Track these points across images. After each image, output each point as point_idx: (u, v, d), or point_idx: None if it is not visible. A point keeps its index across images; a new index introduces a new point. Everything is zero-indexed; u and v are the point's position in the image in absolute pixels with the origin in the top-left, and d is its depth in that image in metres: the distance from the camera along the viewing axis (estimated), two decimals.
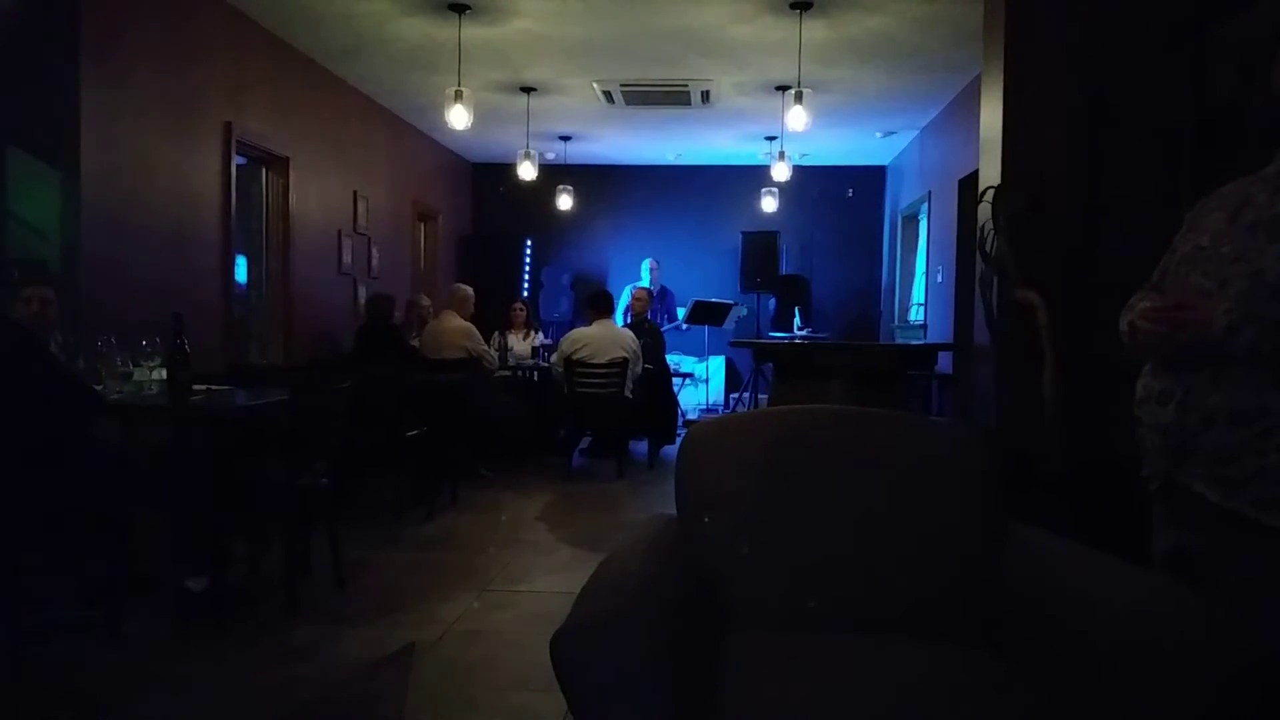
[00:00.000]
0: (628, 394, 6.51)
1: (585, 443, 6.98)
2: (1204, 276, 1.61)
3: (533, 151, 7.96)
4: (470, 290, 6.88)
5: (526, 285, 10.38)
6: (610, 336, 6.58)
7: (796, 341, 7.99)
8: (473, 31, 5.83)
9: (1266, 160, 1.67)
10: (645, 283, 9.39)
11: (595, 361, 6.43)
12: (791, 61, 6.11)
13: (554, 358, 6.64)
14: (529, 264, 10.54)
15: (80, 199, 4.24)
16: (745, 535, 2.00)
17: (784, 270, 10.29)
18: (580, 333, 6.62)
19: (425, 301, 7.38)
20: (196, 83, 5.21)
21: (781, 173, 7.82)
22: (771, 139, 8.64)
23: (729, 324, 9.33)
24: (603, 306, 6.77)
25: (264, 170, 6.25)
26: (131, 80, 4.63)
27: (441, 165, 9.93)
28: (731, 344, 7.69)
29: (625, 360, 6.46)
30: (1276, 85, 1.62)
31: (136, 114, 4.68)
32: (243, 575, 3.64)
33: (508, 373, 7.08)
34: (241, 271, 6.09)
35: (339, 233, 7.19)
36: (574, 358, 6.43)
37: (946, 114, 7.83)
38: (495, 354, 6.79)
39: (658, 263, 9.89)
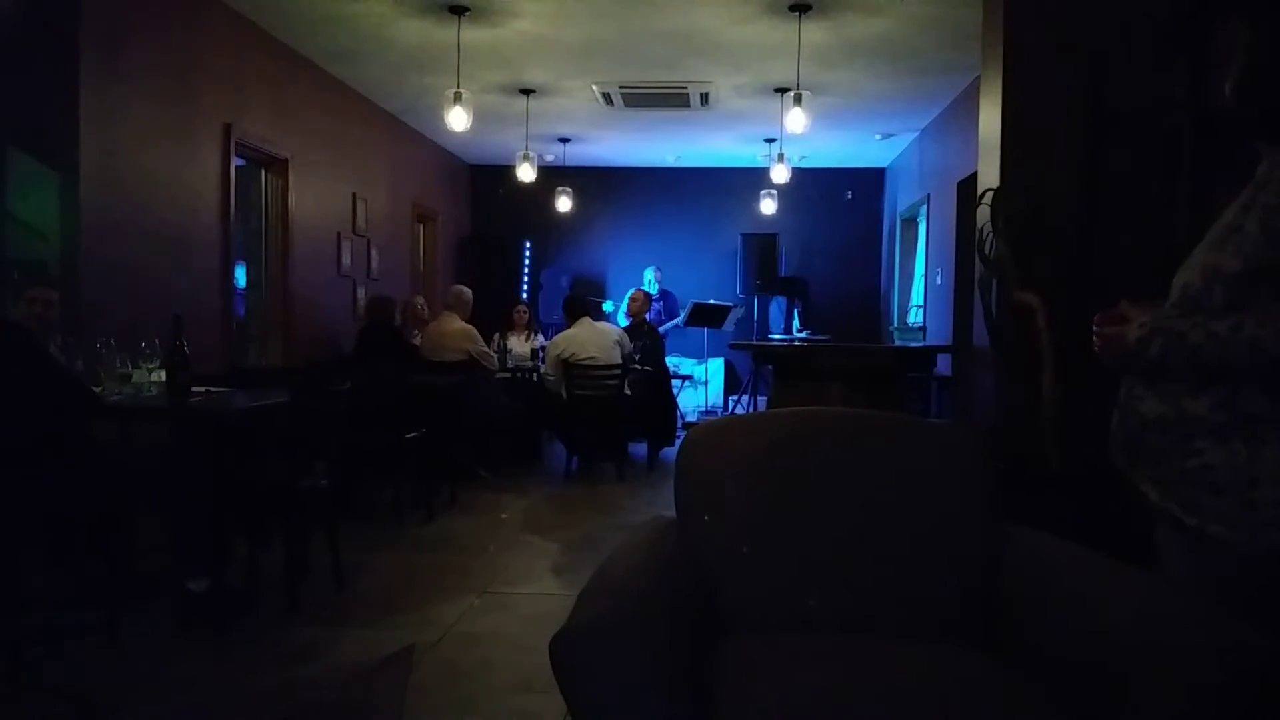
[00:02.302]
0: (626, 390, 6.52)
1: (574, 464, 6.86)
2: (1173, 287, 1.65)
3: (532, 153, 7.97)
4: (469, 292, 6.90)
5: (525, 287, 10.39)
6: (594, 330, 6.65)
7: (796, 343, 7.99)
8: (472, 33, 5.84)
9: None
10: (645, 287, 9.44)
11: (585, 356, 6.46)
12: (790, 64, 6.12)
13: (545, 367, 6.63)
14: (528, 266, 10.55)
15: (79, 200, 4.24)
16: (745, 536, 2.00)
17: (783, 272, 10.30)
18: (564, 335, 6.63)
19: (420, 302, 7.39)
20: (196, 84, 5.22)
21: (781, 175, 7.82)
22: (771, 141, 8.65)
23: (728, 326, 9.34)
24: (575, 311, 6.80)
25: (263, 172, 6.25)
26: (131, 82, 4.63)
27: (441, 167, 9.94)
28: (731, 346, 7.70)
29: (619, 361, 6.49)
30: (1220, 97, 1.61)
31: (136, 115, 4.68)
32: (242, 576, 3.64)
33: (507, 374, 7.08)
34: (240, 273, 6.09)
35: (338, 234, 7.20)
36: (563, 357, 6.45)
37: (945, 116, 7.84)
38: (495, 355, 6.80)
39: (660, 270, 9.93)
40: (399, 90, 7.51)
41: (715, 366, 10.14)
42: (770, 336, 9.83)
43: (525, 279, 10.46)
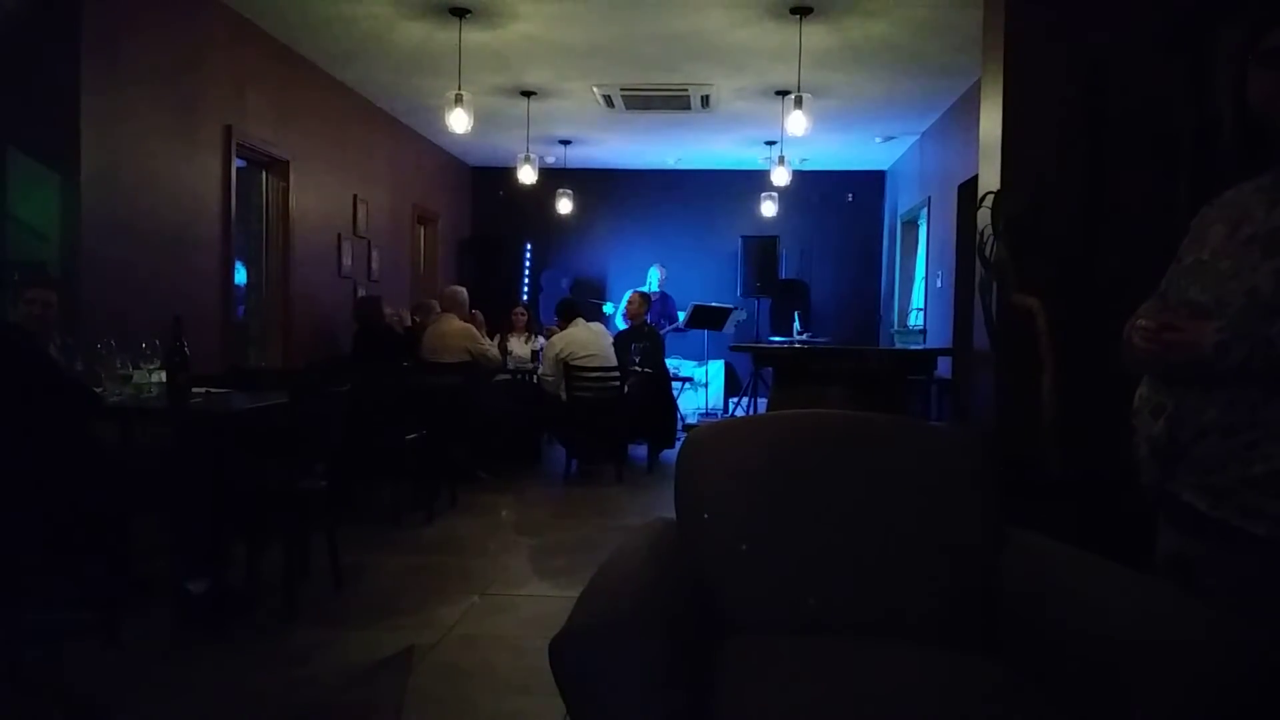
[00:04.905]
0: (624, 388, 6.55)
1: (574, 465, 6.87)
2: (1202, 291, 1.61)
3: (533, 155, 7.98)
4: (464, 291, 6.91)
5: (526, 289, 10.40)
6: (590, 330, 6.69)
7: (796, 346, 7.99)
8: (473, 35, 5.84)
9: (1245, 173, 1.67)
10: (653, 287, 9.44)
11: (583, 355, 6.48)
12: (791, 66, 6.12)
13: (544, 368, 6.63)
14: (528, 267, 10.56)
15: (80, 201, 4.24)
16: (745, 537, 2.00)
17: (783, 275, 10.30)
18: (560, 336, 6.65)
19: (433, 303, 7.41)
20: (197, 85, 5.22)
21: (781, 177, 7.82)
22: (771, 143, 8.65)
23: (728, 328, 9.34)
24: (568, 313, 6.83)
25: (264, 173, 6.26)
26: (132, 83, 4.63)
27: (441, 169, 9.95)
28: (731, 348, 7.69)
29: (616, 360, 6.52)
30: (1253, 97, 1.60)
31: (137, 116, 4.68)
32: (242, 578, 3.64)
33: (507, 376, 7.09)
34: (241, 274, 6.10)
35: (339, 236, 7.20)
36: (562, 357, 6.45)
37: (946, 119, 7.84)
38: (497, 355, 6.81)
39: (665, 269, 9.94)
40: (400, 92, 7.52)
41: (715, 369, 10.14)
42: (770, 339, 9.82)
43: (526, 281, 10.47)
